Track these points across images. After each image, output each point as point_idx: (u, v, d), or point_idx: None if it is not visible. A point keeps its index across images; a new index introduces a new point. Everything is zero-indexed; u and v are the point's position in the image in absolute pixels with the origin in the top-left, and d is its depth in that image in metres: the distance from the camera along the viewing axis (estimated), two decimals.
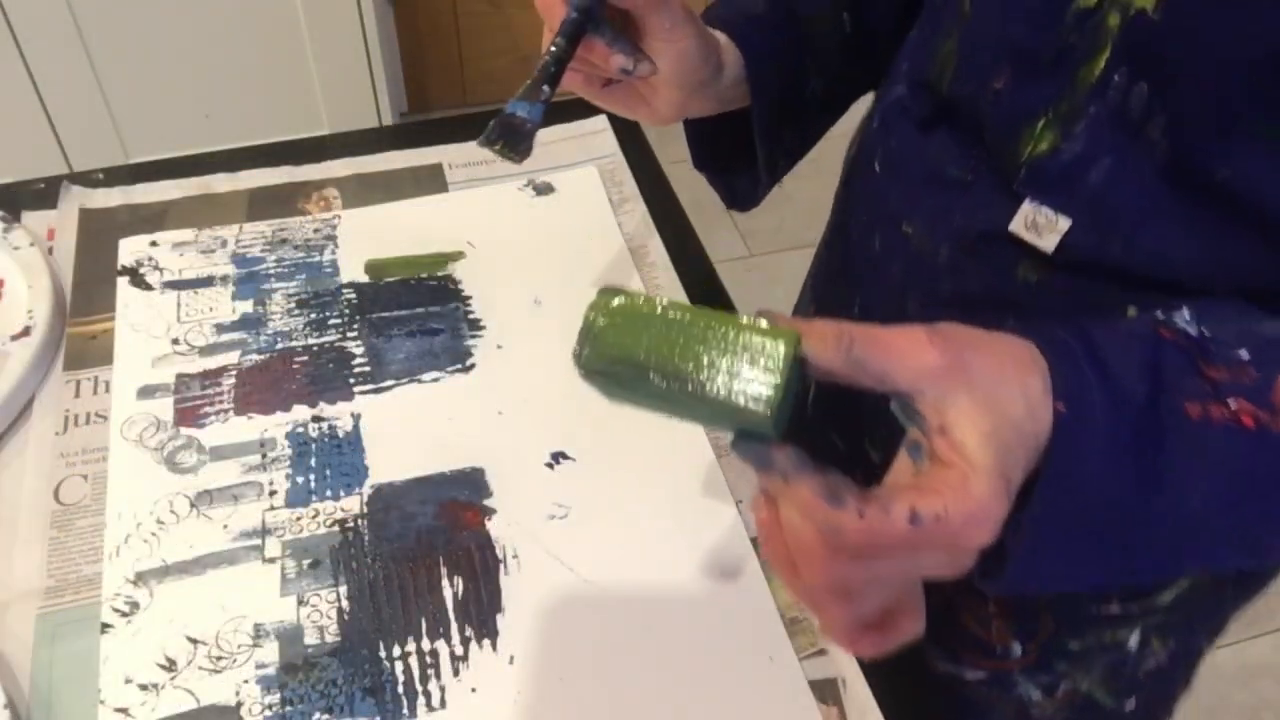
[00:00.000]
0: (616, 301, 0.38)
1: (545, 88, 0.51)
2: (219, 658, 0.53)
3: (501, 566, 0.58)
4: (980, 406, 0.37)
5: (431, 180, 0.82)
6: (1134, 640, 0.62)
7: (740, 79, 0.60)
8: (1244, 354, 0.40)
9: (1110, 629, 0.62)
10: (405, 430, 0.64)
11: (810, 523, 0.37)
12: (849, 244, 0.70)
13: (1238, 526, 0.41)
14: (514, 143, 0.52)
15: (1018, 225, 0.52)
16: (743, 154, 0.65)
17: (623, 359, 0.37)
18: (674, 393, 0.36)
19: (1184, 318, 0.42)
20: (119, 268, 0.72)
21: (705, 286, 0.75)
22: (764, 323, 0.37)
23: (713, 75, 0.58)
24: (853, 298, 0.68)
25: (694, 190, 0.67)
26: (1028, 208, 0.52)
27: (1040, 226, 0.52)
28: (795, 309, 0.82)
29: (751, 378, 0.36)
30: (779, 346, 0.36)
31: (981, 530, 0.36)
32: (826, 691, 0.54)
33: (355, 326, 0.70)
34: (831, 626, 0.40)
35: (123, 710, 0.51)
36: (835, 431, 0.69)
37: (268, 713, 0.51)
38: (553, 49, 0.51)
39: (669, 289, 0.74)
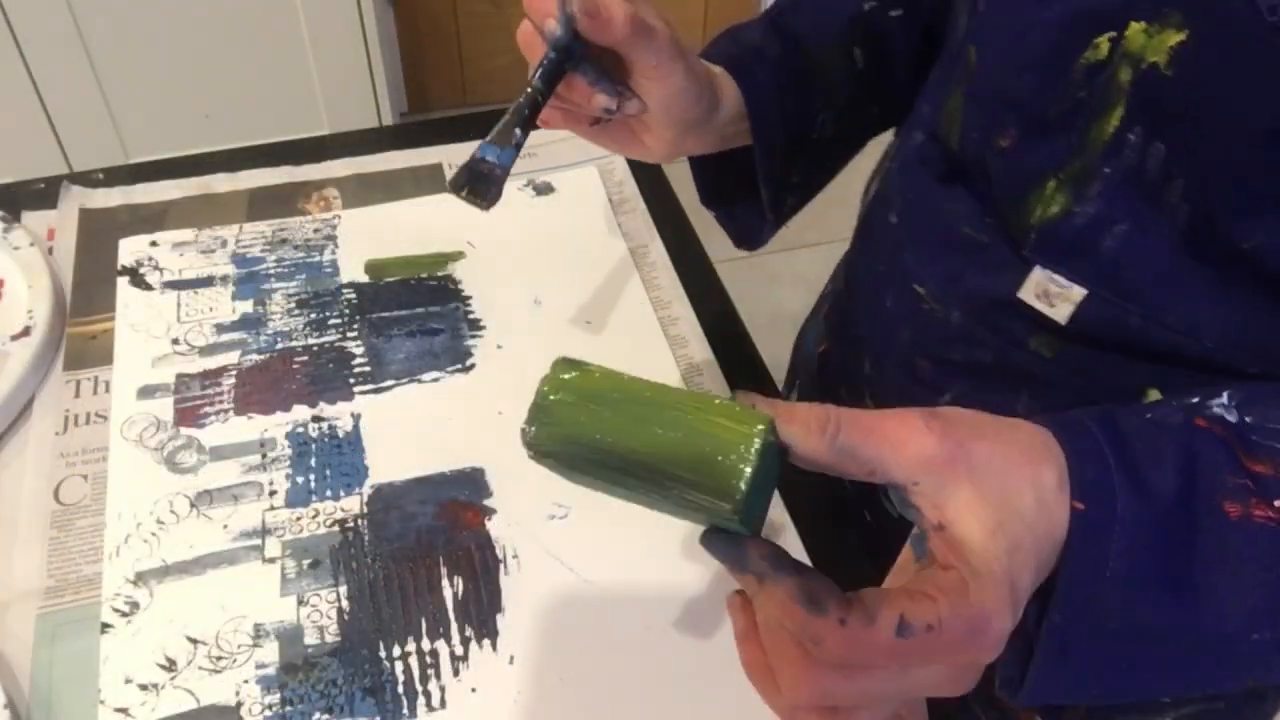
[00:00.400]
0: (571, 375, 0.34)
1: (517, 131, 0.49)
2: (219, 658, 0.53)
3: (501, 566, 0.58)
4: (984, 500, 0.34)
5: (431, 180, 0.82)
6: None
7: (741, 115, 0.57)
8: None
9: (1139, 715, 0.59)
10: (405, 430, 0.64)
11: (789, 632, 0.34)
12: (863, 294, 0.66)
13: None
14: (482, 190, 0.50)
15: (1028, 293, 0.49)
16: (749, 192, 0.62)
17: (575, 440, 0.33)
18: (632, 482, 0.33)
19: (1222, 403, 0.38)
20: (119, 268, 0.72)
21: (705, 286, 0.75)
22: (737, 406, 0.33)
23: (707, 113, 0.55)
24: (863, 352, 0.65)
25: (694, 190, 0.67)
26: (1039, 275, 0.49)
27: (1053, 295, 0.48)
28: (805, 329, 0.80)
29: (717, 471, 0.32)
30: (751, 436, 0.32)
31: (981, 644, 0.33)
32: None
33: (355, 326, 0.70)
34: None
35: (123, 710, 0.51)
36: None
37: (268, 713, 0.51)
38: (528, 90, 0.50)
39: (669, 289, 0.74)
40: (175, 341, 0.68)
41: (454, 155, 0.83)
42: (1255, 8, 0.37)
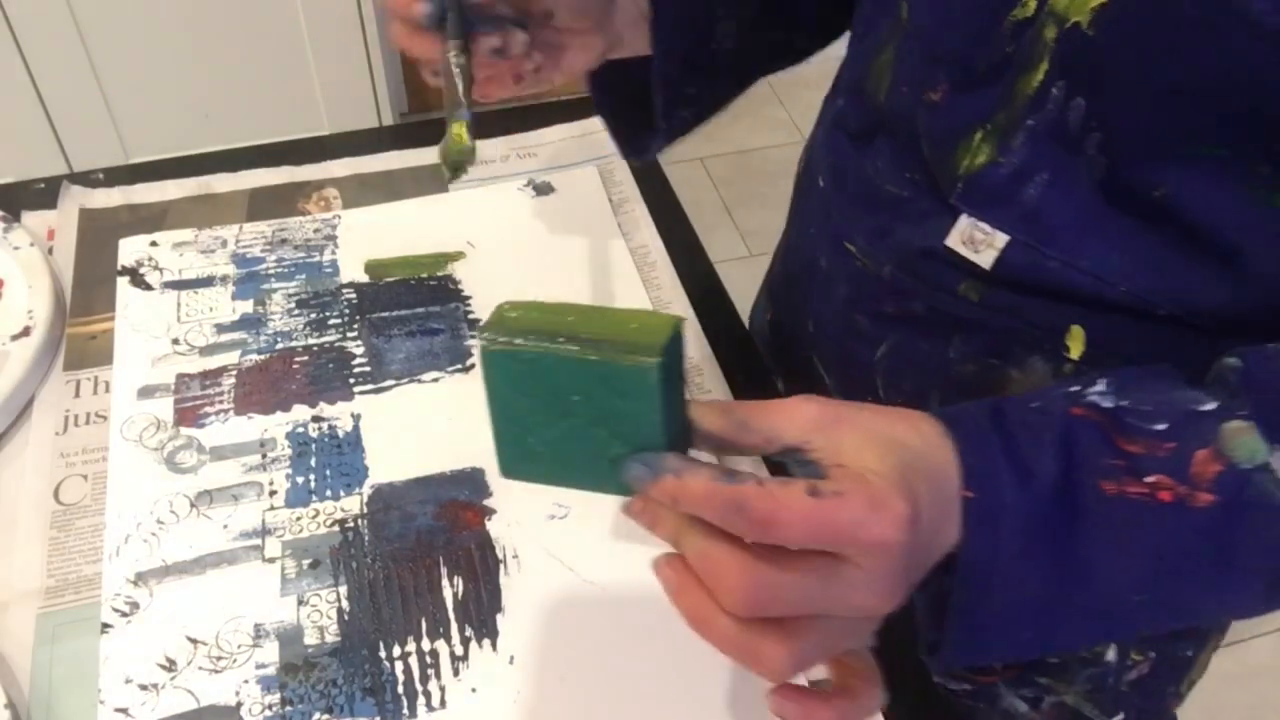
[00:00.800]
0: (522, 302, 0.40)
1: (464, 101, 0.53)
2: (219, 658, 0.53)
3: (501, 566, 0.58)
4: (873, 441, 0.37)
5: (431, 180, 0.82)
6: (1111, 653, 0.61)
7: (638, 19, 0.58)
8: (1162, 426, 0.40)
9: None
10: (405, 430, 0.64)
11: (713, 517, 0.36)
12: (800, 259, 0.69)
13: (1165, 600, 0.41)
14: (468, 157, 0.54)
15: (954, 240, 0.52)
16: (642, 100, 0.62)
17: (526, 331, 0.38)
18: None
19: (1099, 390, 0.41)
20: (119, 268, 0.72)
21: (705, 286, 0.75)
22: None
23: (603, 12, 0.56)
24: (805, 311, 0.68)
25: (694, 190, 0.67)
26: (965, 223, 0.52)
27: (978, 242, 0.51)
28: (755, 306, 0.83)
29: (642, 335, 0.36)
30: (666, 319, 0.38)
31: (884, 520, 0.35)
32: None
33: (355, 326, 0.70)
34: (773, 668, 0.37)
35: (123, 710, 0.51)
36: None
37: (268, 713, 0.51)
38: (451, 56, 0.52)
39: (669, 289, 0.74)
40: (175, 341, 0.68)
41: None
42: None
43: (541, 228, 0.78)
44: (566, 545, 0.59)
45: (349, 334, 0.69)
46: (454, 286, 0.73)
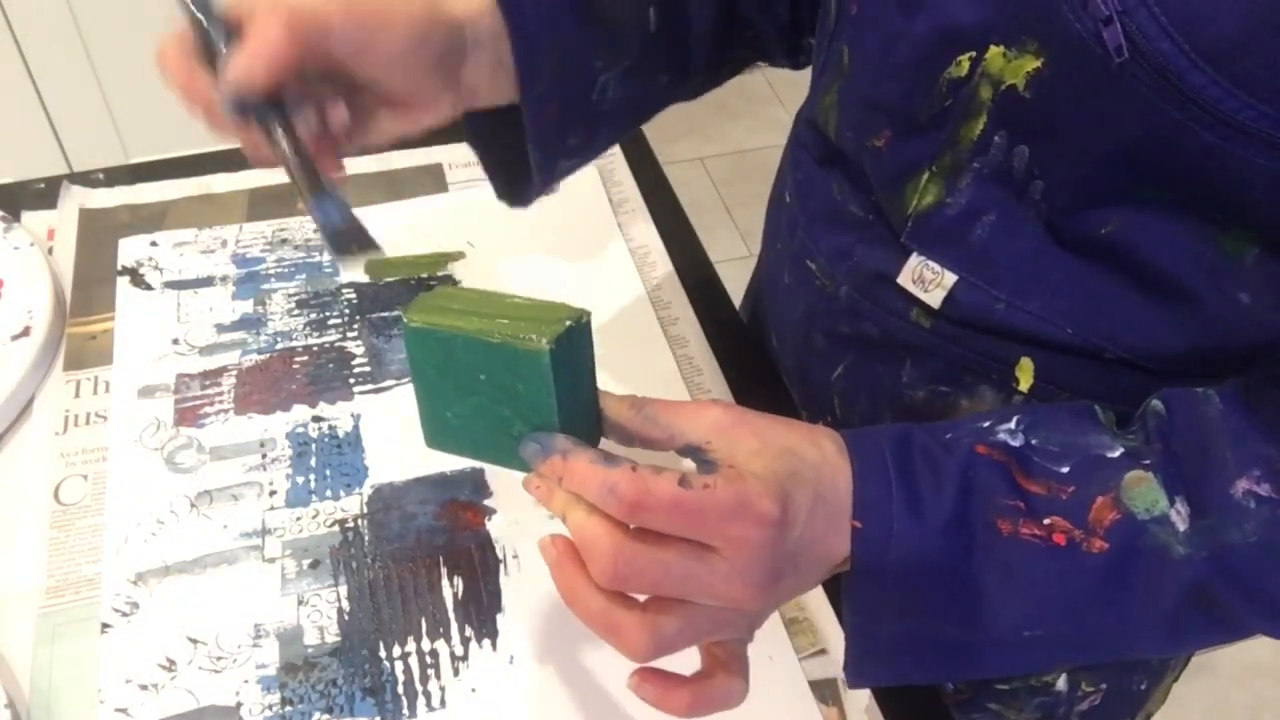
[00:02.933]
0: (457, 288, 0.43)
1: (320, 180, 0.47)
2: (219, 658, 0.53)
3: (501, 566, 0.58)
4: (767, 448, 0.40)
5: (431, 180, 0.82)
6: (1062, 682, 0.62)
7: (502, 65, 0.49)
8: (1065, 469, 0.41)
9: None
10: (405, 430, 0.64)
11: (591, 496, 0.38)
12: (768, 272, 0.69)
13: (1061, 638, 0.41)
14: (362, 241, 0.48)
15: (905, 279, 0.52)
16: (518, 144, 0.53)
17: (444, 311, 0.41)
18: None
19: (1009, 428, 0.42)
20: (119, 268, 0.72)
21: (705, 286, 0.75)
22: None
23: (445, 58, 0.48)
24: (768, 324, 0.68)
25: (694, 190, 0.67)
26: (915, 261, 0.52)
27: (927, 281, 0.52)
28: (740, 309, 0.82)
29: (540, 327, 0.39)
30: (574, 311, 0.41)
31: (748, 517, 0.37)
32: (826, 691, 0.54)
33: (355, 326, 0.70)
34: (633, 646, 0.39)
35: (123, 710, 0.51)
36: None
37: (268, 713, 0.51)
38: (283, 149, 0.46)
39: (669, 289, 0.74)
40: (175, 341, 0.68)
41: (454, 155, 0.83)
42: (1105, 47, 0.39)
43: (541, 227, 0.78)
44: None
45: (349, 334, 0.69)
46: (454, 287, 0.73)
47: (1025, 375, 0.51)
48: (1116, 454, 0.41)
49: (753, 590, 0.38)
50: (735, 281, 0.79)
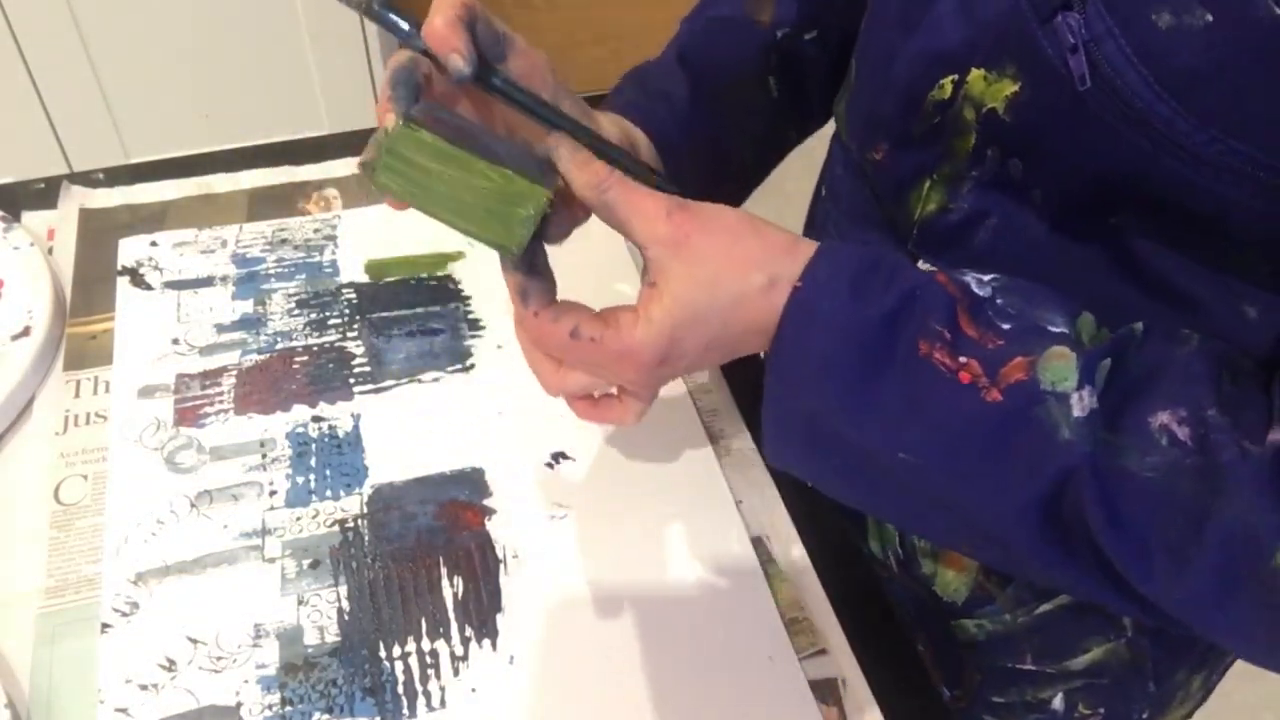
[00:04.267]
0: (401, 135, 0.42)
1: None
2: (219, 658, 0.53)
3: (501, 566, 0.58)
4: (690, 279, 0.43)
5: None
6: (1058, 701, 0.62)
7: (654, 159, 0.55)
8: (1006, 326, 0.41)
9: (1031, 687, 0.62)
10: (405, 430, 0.64)
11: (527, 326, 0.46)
12: None
13: (930, 471, 0.42)
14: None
15: None
16: None
17: (433, 140, 0.41)
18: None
19: (979, 277, 0.43)
20: (119, 268, 0.72)
21: None
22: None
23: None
24: None
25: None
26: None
27: None
28: None
29: (507, 227, 0.43)
30: (529, 193, 0.42)
31: (630, 364, 0.44)
32: (826, 691, 0.54)
33: (355, 326, 0.70)
34: (544, 382, 0.49)
35: (123, 710, 0.51)
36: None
37: (268, 713, 0.51)
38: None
39: None
40: (175, 341, 0.68)
41: None
42: (1070, 73, 0.40)
43: None
44: (566, 545, 0.59)
45: (349, 334, 0.69)
46: (454, 286, 0.73)
47: None
48: (1057, 330, 0.41)
49: (644, 386, 0.47)
50: None
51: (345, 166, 0.82)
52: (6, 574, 0.56)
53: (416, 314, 0.71)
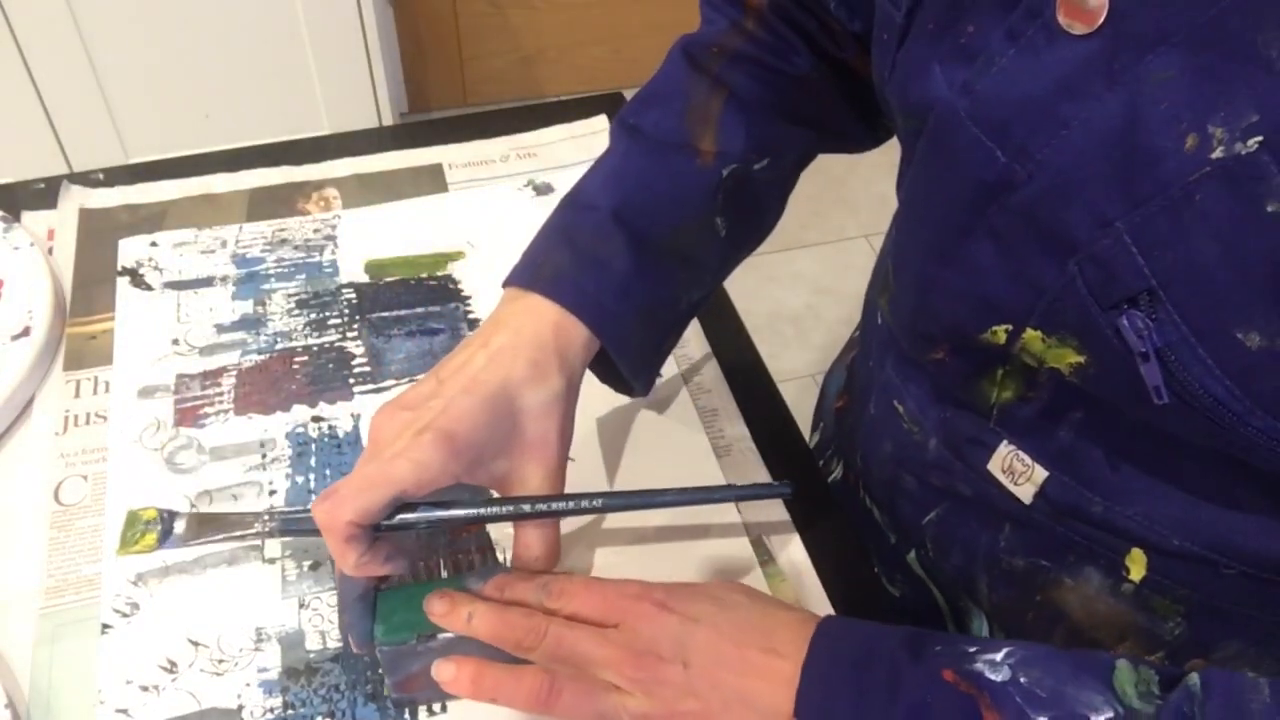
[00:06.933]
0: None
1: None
2: (220, 660, 0.53)
3: (502, 568, 0.58)
4: None
5: (431, 180, 0.82)
6: None
7: (585, 347, 0.50)
8: (1044, 718, 0.37)
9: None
10: None
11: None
12: (858, 384, 0.64)
13: None
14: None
15: (995, 467, 0.49)
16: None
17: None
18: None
19: (991, 659, 0.39)
20: (119, 268, 0.72)
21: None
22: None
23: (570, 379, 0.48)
24: (855, 441, 0.64)
25: None
26: (1005, 450, 0.48)
27: (1017, 473, 0.48)
28: (830, 371, 0.78)
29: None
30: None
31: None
32: None
33: (355, 326, 0.70)
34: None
35: (123, 711, 0.51)
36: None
37: (269, 716, 0.51)
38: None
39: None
40: (175, 341, 0.68)
41: (454, 155, 0.83)
42: (1143, 380, 0.36)
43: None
44: (566, 545, 0.59)
45: (349, 334, 0.69)
46: (454, 286, 0.73)
47: (1137, 566, 0.47)
48: (1102, 718, 0.37)
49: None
50: (735, 281, 0.75)
51: (345, 166, 0.82)
52: (6, 574, 0.56)
53: (416, 314, 0.71)
